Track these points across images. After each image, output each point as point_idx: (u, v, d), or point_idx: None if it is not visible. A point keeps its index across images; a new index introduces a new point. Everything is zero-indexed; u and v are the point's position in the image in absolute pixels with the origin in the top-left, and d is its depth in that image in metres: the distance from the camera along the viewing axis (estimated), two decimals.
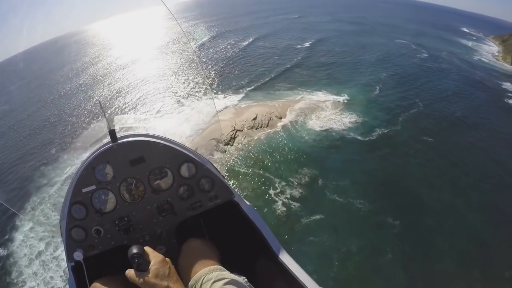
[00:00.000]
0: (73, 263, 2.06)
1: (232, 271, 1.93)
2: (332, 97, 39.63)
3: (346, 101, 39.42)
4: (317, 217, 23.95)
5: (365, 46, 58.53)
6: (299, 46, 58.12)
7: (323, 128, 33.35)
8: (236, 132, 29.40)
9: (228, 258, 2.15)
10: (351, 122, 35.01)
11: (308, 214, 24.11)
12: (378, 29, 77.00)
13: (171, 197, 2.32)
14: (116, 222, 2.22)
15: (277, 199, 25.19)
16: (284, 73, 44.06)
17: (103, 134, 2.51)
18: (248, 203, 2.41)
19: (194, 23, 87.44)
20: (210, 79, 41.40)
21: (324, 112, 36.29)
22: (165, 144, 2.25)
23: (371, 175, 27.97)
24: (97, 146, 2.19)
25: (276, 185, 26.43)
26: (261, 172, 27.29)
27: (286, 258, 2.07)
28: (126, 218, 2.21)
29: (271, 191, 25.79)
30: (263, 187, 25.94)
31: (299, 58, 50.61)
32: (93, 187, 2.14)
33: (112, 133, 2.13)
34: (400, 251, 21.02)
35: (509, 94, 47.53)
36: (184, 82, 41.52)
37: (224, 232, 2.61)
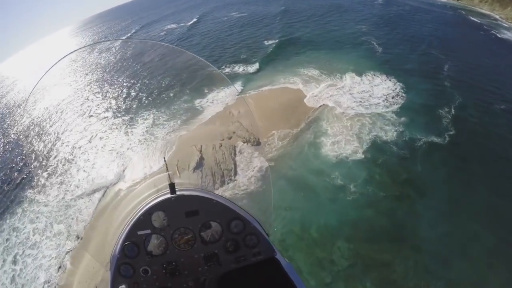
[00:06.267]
0: None
1: None
2: (336, 78, 20.60)
3: (354, 75, 20.85)
4: None
5: (319, 7, 46.72)
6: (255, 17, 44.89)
7: (365, 146, 12.85)
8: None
9: None
10: (396, 112, 16.18)
11: None
12: None
13: (218, 249, 2.03)
14: (164, 265, 1.98)
15: None
16: (237, 57, 28.98)
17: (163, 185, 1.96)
18: (288, 261, 2.06)
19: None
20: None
21: (337, 107, 16.75)
22: (218, 201, 2.01)
23: None
24: (156, 195, 2.00)
25: None
26: None
27: None
28: (174, 263, 1.98)
29: None
30: None
31: (259, 33, 35.80)
32: (148, 231, 1.93)
33: (172, 186, 1.95)
34: None
35: (484, 27, 38.90)
36: None
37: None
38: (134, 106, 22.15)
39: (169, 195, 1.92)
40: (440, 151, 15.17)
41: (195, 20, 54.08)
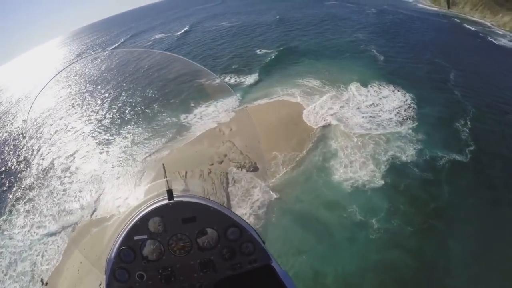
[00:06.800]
0: None
1: None
2: (339, 89, 18.36)
3: (359, 86, 18.73)
4: None
5: (313, 16, 45.47)
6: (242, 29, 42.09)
7: (383, 169, 11.64)
8: None
9: None
10: (412, 128, 14.72)
11: None
12: None
13: (214, 256, 2.01)
14: (160, 271, 1.94)
15: None
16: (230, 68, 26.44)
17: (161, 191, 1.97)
18: (283, 269, 2.03)
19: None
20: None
21: (346, 124, 13.59)
22: (216, 209, 2.00)
23: None
24: (153, 201, 1.97)
25: None
26: None
27: None
28: (169, 269, 1.95)
29: None
30: None
31: (253, 43, 33.55)
32: (145, 236, 1.91)
33: (169, 192, 1.94)
34: None
35: (480, 34, 38.66)
36: None
37: None
38: (114, 122, 19.73)
39: (166, 201, 1.92)
40: (464, 171, 13.35)
41: (186, 28, 52.56)
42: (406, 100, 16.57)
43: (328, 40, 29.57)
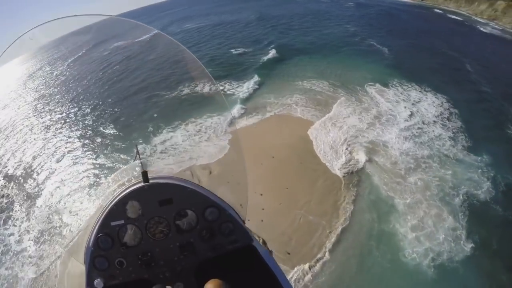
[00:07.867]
0: None
1: None
2: (359, 94, 14.26)
3: (380, 87, 14.97)
4: None
5: (292, 12, 42.95)
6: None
7: (463, 220, 7.21)
8: None
9: None
10: (470, 147, 10.40)
11: None
12: None
13: (193, 238, 1.97)
14: (139, 256, 1.90)
15: None
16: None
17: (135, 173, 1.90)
18: (265, 248, 2.05)
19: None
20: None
21: (388, 152, 9.68)
22: (192, 189, 1.96)
23: None
24: (128, 184, 1.91)
25: None
26: None
27: None
28: (149, 254, 1.90)
29: None
30: None
31: (229, 43, 27.72)
32: (122, 221, 1.84)
33: (144, 174, 1.87)
34: None
35: (466, 23, 38.02)
36: None
37: (242, 275, 2.00)
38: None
39: (142, 184, 1.85)
40: None
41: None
42: (442, 103, 12.77)
43: (320, 36, 26.19)
